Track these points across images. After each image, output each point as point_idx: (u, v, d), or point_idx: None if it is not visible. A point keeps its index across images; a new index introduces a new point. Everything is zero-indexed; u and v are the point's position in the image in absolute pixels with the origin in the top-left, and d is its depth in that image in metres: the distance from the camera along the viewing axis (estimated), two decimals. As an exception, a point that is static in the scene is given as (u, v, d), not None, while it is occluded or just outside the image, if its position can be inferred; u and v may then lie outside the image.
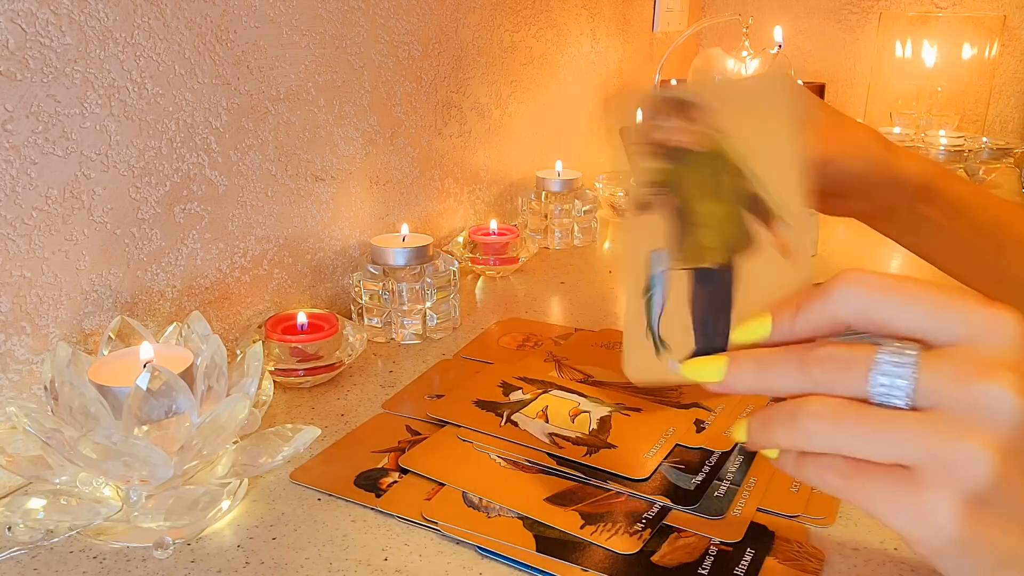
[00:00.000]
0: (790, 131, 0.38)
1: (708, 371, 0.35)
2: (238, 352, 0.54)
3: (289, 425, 0.49)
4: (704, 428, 0.52)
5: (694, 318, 0.38)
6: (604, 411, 0.54)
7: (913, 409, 0.30)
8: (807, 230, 0.38)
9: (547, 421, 0.53)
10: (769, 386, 0.34)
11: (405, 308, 0.67)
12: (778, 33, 1.15)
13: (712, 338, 0.38)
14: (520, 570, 0.41)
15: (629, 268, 0.40)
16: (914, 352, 0.30)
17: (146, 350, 0.47)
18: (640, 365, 0.39)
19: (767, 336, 0.34)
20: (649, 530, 0.43)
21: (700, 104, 0.39)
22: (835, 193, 0.50)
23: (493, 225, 0.85)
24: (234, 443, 0.48)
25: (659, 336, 0.39)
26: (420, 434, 0.53)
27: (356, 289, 0.68)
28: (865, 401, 0.30)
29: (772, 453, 0.35)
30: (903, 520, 0.30)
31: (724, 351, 0.37)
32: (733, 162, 0.38)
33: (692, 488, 0.46)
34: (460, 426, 0.52)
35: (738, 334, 0.36)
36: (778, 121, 0.39)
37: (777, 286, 0.36)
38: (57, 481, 0.44)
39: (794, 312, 0.33)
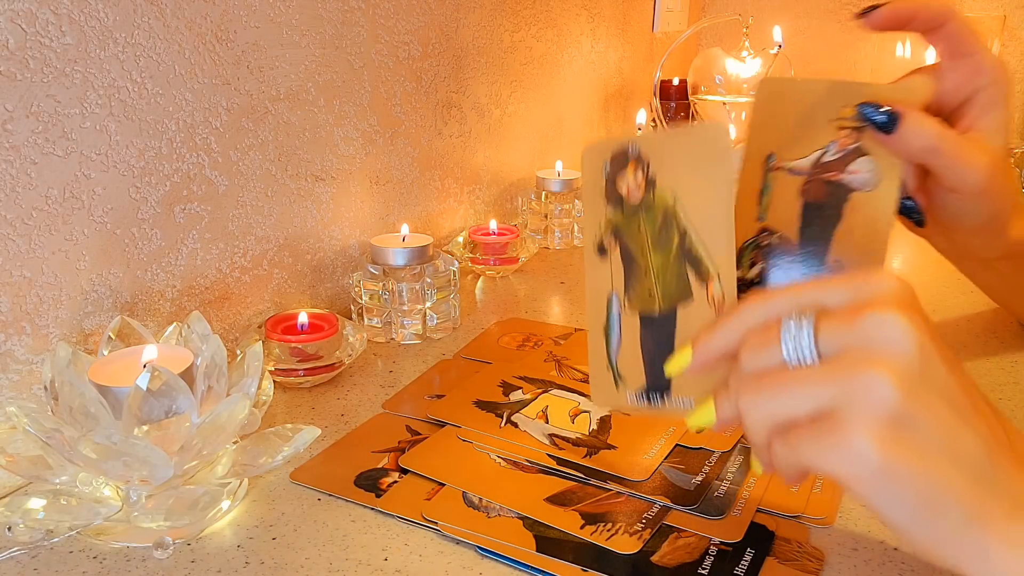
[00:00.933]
0: (722, 178, 0.42)
1: (702, 415, 0.38)
2: (238, 352, 0.54)
3: (289, 425, 0.49)
4: (704, 428, 0.52)
5: (643, 357, 0.43)
6: (604, 411, 0.54)
7: (820, 362, 0.32)
8: (732, 278, 0.41)
9: (547, 421, 0.53)
10: (715, 384, 0.37)
11: (405, 308, 0.67)
12: (778, 33, 1.15)
13: (659, 377, 0.43)
14: (520, 570, 0.41)
15: (590, 306, 0.45)
16: (811, 314, 0.33)
17: (148, 352, 0.47)
18: (604, 395, 0.45)
19: (689, 363, 0.37)
20: (649, 530, 0.43)
21: (647, 156, 0.43)
22: (954, 225, 0.51)
23: (493, 225, 0.85)
24: (234, 443, 0.48)
25: (617, 370, 0.45)
26: (420, 434, 0.53)
27: (356, 289, 0.68)
28: (783, 368, 0.33)
29: (757, 468, 0.37)
30: (832, 460, 0.30)
31: (667, 390, 0.42)
32: (674, 216, 0.43)
33: (692, 488, 0.46)
34: (460, 426, 0.52)
35: (669, 368, 0.39)
36: (711, 167, 0.42)
37: None
38: (57, 481, 0.44)
39: (709, 335, 0.36)
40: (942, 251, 0.57)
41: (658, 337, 0.43)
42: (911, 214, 0.47)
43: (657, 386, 0.43)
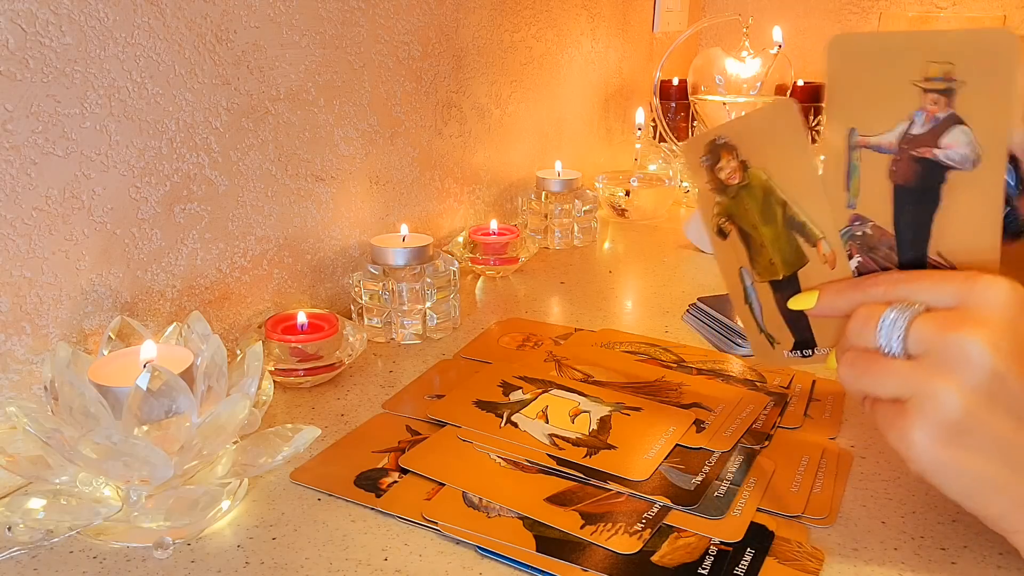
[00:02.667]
0: (801, 149, 0.42)
1: (804, 301, 0.44)
2: (238, 352, 0.54)
3: (289, 425, 0.49)
4: (704, 428, 0.52)
5: (784, 318, 0.46)
6: (604, 411, 0.54)
7: (909, 357, 0.37)
8: (836, 232, 0.43)
9: (547, 421, 0.53)
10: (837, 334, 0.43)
11: (405, 308, 0.67)
12: (778, 33, 1.15)
13: (802, 331, 0.46)
14: (520, 570, 0.41)
15: (729, 283, 0.48)
16: (911, 311, 0.37)
17: (146, 350, 0.47)
18: (766, 357, 0.48)
19: (813, 307, 0.43)
20: (649, 530, 0.43)
21: (734, 143, 0.45)
22: None
23: (493, 225, 0.85)
24: (234, 443, 0.48)
25: (768, 334, 0.48)
26: (420, 434, 0.53)
27: (356, 289, 0.68)
28: (878, 351, 0.38)
29: (832, 363, 0.44)
30: (895, 441, 0.37)
31: (814, 344, 0.46)
32: (771, 191, 0.44)
33: (692, 488, 0.46)
34: (460, 426, 0.52)
35: (792, 303, 0.44)
36: (787, 142, 0.43)
37: None
38: (57, 481, 0.44)
39: (835, 294, 0.42)
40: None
41: (788, 299, 0.45)
42: (1006, 221, 0.41)
43: (804, 341, 0.46)
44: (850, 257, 0.43)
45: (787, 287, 0.45)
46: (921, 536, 0.43)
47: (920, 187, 0.39)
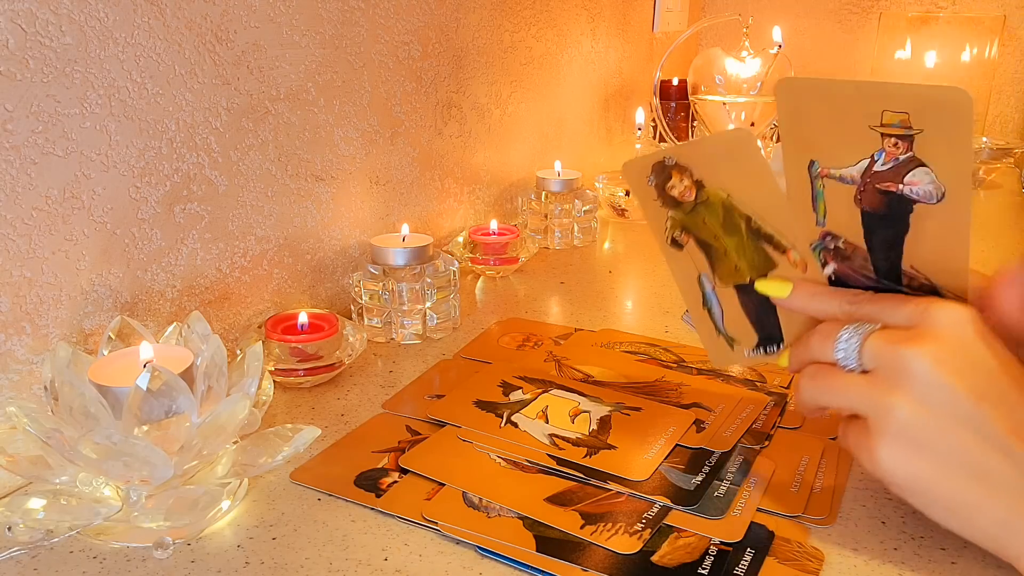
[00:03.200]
0: (762, 174, 0.43)
1: (778, 289, 0.45)
2: (238, 352, 0.54)
3: (289, 425, 0.49)
4: (704, 428, 0.52)
5: (749, 319, 0.47)
6: (604, 411, 0.54)
7: (865, 372, 0.39)
8: (806, 244, 0.44)
9: (547, 421, 0.53)
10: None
11: (405, 308, 0.67)
12: (778, 33, 1.15)
13: (769, 329, 0.47)
14: (520, 570, 0.41)
15: (684, 290, 0.49)
16: (866, 328, 0.40)
17: (146, 350, 0.47)
18: (721, 357, 0.49)
19: (785, 297, 0.44)
20: (649, 530, 0.43)
21: (685, 164, 0.45)
22: None
23: (493, 225, 0.85)
24: (234, 443, 0.48)
25: (728, 335, 0.49)
26: (420, 434, 0.53)
27: (356, 289, 0.68)
28: (836, 365, 0.40)
29: (783, 361, 0.47)
30: (867, 463, 0.39)
31: (780, 339, 0.47)
32: (732, 207, 0.45)
33: (692, 488, 0.46)
34: (460, 426, 0.52)
35: (764, 285, 0.45)
36: (749, 167, 0.44)
37: None
38: (57, 481, 0.44)
39: (809, 296, 0.44)
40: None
41: (757, 299, 0.46)
42: None
43: (769, 338, 0.47)
44: (825, 264, 0.43)
45: (755, 289, 0.46)
46: (921, 536, 0.43)
47: (889, 214, 0.40)
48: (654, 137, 1.23)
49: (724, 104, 1.13)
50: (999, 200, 1.18)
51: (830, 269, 0.43)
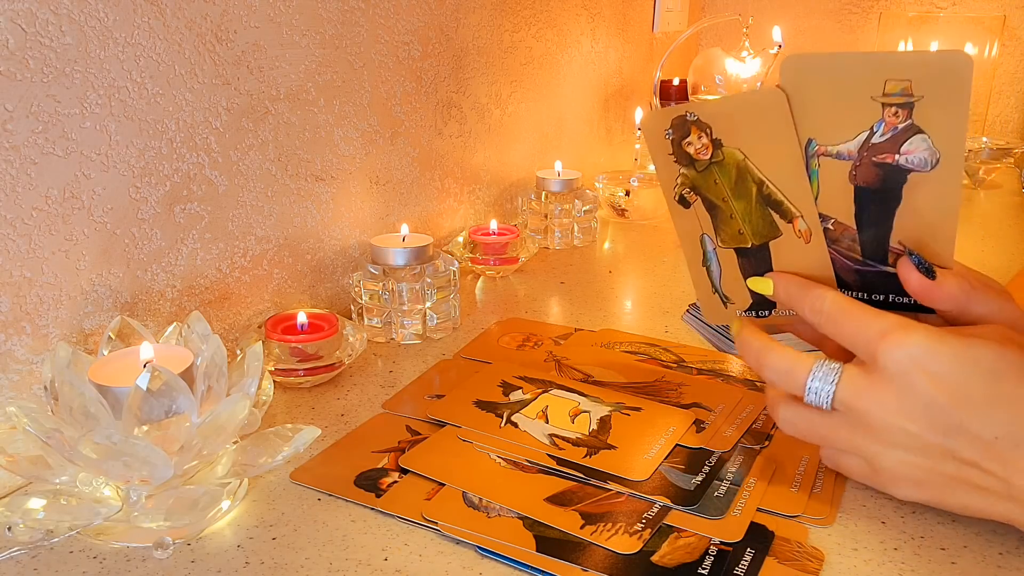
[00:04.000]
0: (787, 137, 0.43)
1: (762, 286, 0.47)
2: (238, 352, 0.54)
3: (289, 425, 0.49)
4: (704, 428, 0.52)
5: (745, 280, 0.48)
6: (604, 411, 0.54)
7: (834, 409, 0.42)
8: (814, 213, 0.44)
9: (547, 421, 0.53)
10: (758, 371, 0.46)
11: (405, 308, 0.67)
12: (778, 33, 1.15)
13: (763, 296, 0.48)
14: (520, 570, 0.41)
15: (686, 246, 0.50)
16: (832, 376, 0.41)
17: (146, 350, 0.47)
18: (715, 315, 0.51)
19: (769, 294, 0.47)
20: (649, 530, 0.43)
21: (707, 121, 0.45)
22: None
23: (493, 225, 0.85)
24: (234, 443, 0.48)
25: (723, 294, 0.50)
26: (420, 434, 0.53)
27: (356, 289, 0.68)
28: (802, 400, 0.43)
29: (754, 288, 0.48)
30: (889, 491, 0.43)
31: (773, 304, 0.48)
32: (747, 170, 0.45)
33: (692, 488, 0.46)
34: (460, 426, 0.52)
35: (752, 284, 0.48)
36: (773, 129, 0.43)
37: (803, 258, 0.46)
38: (57, 481, 0.44)
39: (784, 289, 0.46)
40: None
41: (756, 264, 0.47)
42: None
43: (763, 302, 0.48)
44: None
45: (756, 254, 0.47)
46: (921, 536, 0.43)
47: (882, 188, 0.41)
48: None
49: (724, 104, 1.13)
50: (999, 200, 1.18)
51: None
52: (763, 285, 0.47)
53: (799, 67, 0.41)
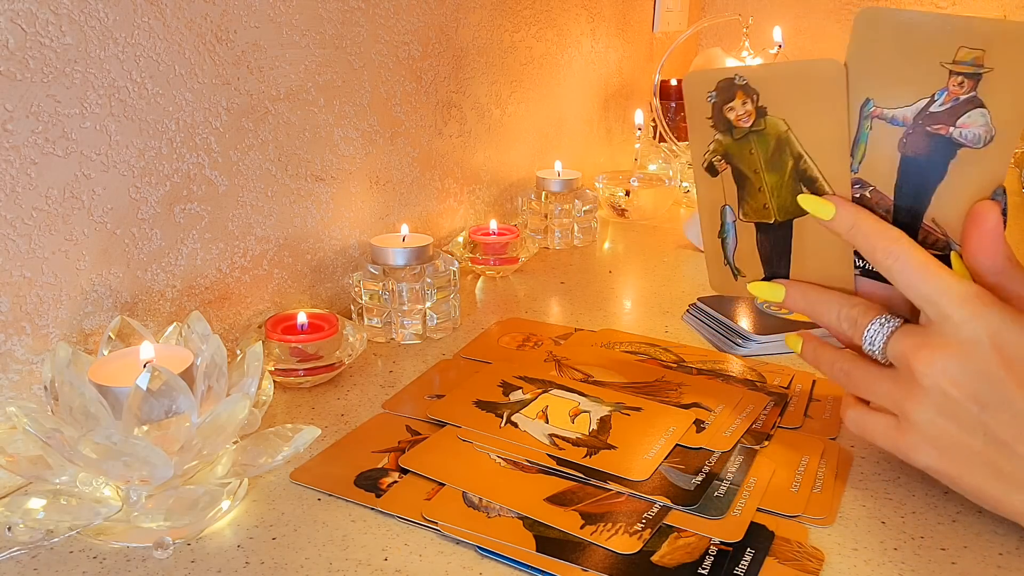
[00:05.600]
0: (838, 111, 0.42)
1: (769, 293, 0.48)
2: (238, 352, 0.54)
3: (289, 425, 0.49)
4: (704, 428, 0.52)
5: (761, 256, 0.48)
6: (604, 411, 0.54)
7: (888, 364, 0.43)
8: (849, 195, 0.43)
9: (547, 421, 0.53)
10: (810, 315, 0.47)
11: (405, 308, 0.67)
12: (778, 33, 1.15)
13: (776, 269, 0.48)
14: (520, 570, 0.41)
15: (704, 215, 0.49)
16: (890, 326, 0.42)
17: (146, 350, 0.47)
18: (720, 284, 0.51)
19: (780, 302, 0.48)
20: (649, 530, 0.43)
21: (756, 87, 0.43)
22: None
23: (493, 225, 0.85)
24: (234, 443, 0.48)
25: (735, 266, 0.50)
26: (420, 434, 0.53)
27: (356, 289, 0.68)
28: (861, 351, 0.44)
29: (795, 345, 0.49)
30: (901, 456, 0.43)
31: (787, 278, 0.47)
32: (787, 142, 0.44)
33: (692, 488, 0.46)
34: (460, 426, 0.52)
35: (755, 288, 0.48)
36: (826, 102, 0.42)
37: (826, 244, 0.45)
38: (57, 481, 0.44)
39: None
40: None
41: (775, 241, 0.47)
42: None
43: (776, 278, 0.48)
44: None
45: (778, 230, 0.46)
46: (921, 536, 0.43)
47: (929, 160, 0.40)
48: (654, 137, 1.23)
49: (724, 104, 1.13)
50: (999, 200, 1.18)
51: None
52: (772, 292, 0.48)
53: (873, 20, 0.40)
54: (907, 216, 0.42)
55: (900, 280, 0.41)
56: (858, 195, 0.43)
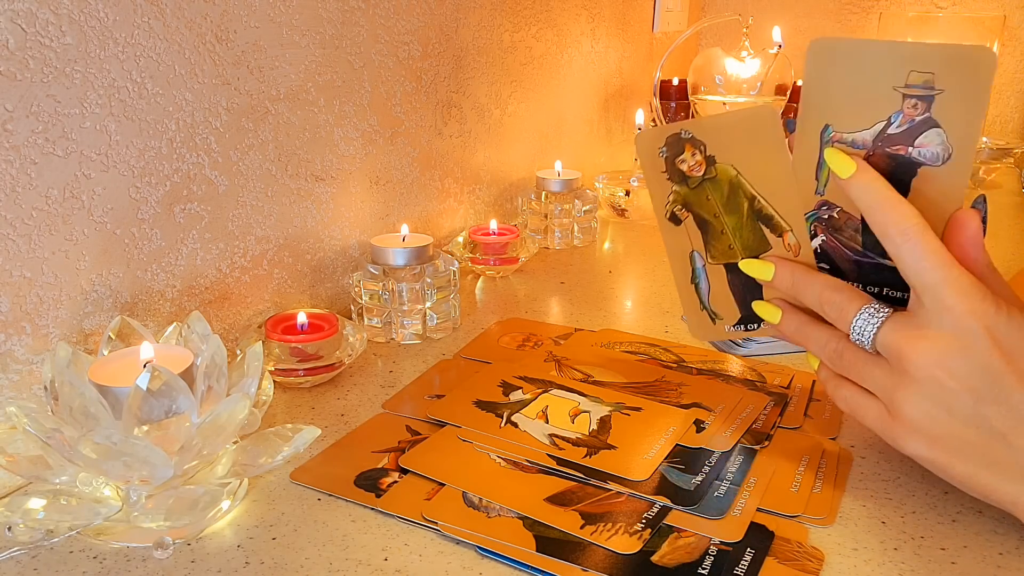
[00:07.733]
0: (779, 152, 0.44)
1: (759, 270, 0.47)
2: (238, 352, 0.54)
3: (289, 425, 0.49)
4: (704, 428, 0.52)
5: (735, 297, 0.49)
6: (604, 411, 0.54)
7: (876, 352, 0.42)
8: (804, 227, 0.45)
9: (547, 421, 0.53)
10: (795, 294, 0.46)
11: (405, 308, 0.67)
12: (777, 33, 1.15)
13: (751, 310, 0.49)
14: (520, 570, 0.41)
15: (675, 264, 0.51)
16: (879, 317, 0.41)
17: (146, 350, 0.47)
18: (703, 331, 0.52)
19: (769, 280, 0.47)
20: (649, 530, 0.43)
21: (702, 138, 0.46)
22: None
23: (493, 225, 0.85)
24: (234, 443, 0.48)
25: (712, 311, 0.51)
26: (420, 434, 0.53)
27: (356, 289, 0.68)
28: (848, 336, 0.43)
29: (814, 363, 0.47)
30: (892, 444, 0.43)
31: (761, 319, 0.48)
32: (739, 185, 0.46)
33: (692, 488, 0.46)
34: (460, 426, 0.52)
35: (746, 265, 0.47)
36: (767, 145, 0.44)
37: None
38: (57, 481, 0.44)
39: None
40: None
41: (746, 280, 0.48)
42: None
43: (752, 317, 0.49)
44: (814, 236, 0.46)
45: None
46: (921, 536, 0.43)
47: (891, 179, 0.41)
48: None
49: (724, 104, 1.13)
50: (999, 200, 1.18)
51: (817, 242, 0.46)
52: (759, 268, 0.47)
53: (825, 50, 0.41)
54: (872, 233, 0.43)
55: (907, 262, 0.40)
56: (826, 215, 0.45)
